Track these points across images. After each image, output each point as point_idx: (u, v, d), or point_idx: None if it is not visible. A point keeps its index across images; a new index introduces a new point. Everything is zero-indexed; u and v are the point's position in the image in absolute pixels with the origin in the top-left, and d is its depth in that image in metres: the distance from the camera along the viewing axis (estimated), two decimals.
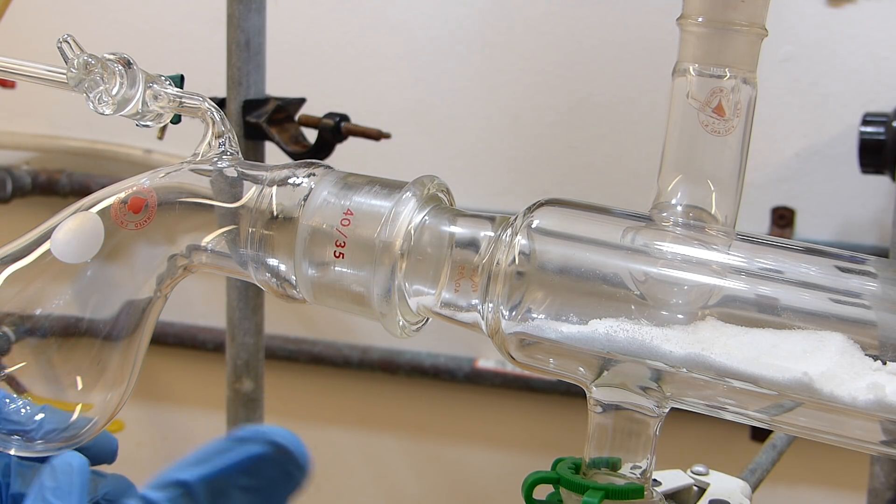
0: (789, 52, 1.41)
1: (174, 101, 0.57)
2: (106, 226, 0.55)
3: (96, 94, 0.55)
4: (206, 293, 1.69)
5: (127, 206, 0.55)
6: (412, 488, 1.68)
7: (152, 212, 0.55)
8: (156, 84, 0.57)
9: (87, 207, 0.56)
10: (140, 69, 0.57)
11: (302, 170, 0.56)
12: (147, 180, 0.57)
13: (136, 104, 0.56)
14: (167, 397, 1.77)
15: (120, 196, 0.55)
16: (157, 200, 0.55)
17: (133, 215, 0.55)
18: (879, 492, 0.98)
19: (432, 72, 1.54)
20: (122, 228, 0.55)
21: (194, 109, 0.58)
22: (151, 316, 0.57)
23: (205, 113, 0.58)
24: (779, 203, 1.43)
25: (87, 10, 1.67)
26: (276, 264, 0.55)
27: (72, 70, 0.56)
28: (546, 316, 0.50)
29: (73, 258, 0.54)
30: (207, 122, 0.58)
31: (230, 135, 0.58)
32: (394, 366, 1.59)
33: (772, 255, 0.50)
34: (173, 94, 0.57)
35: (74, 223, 0.55)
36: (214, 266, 0.57)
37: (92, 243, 0.55)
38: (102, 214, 0.55)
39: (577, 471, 0.53)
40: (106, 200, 0.56)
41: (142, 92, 0.56)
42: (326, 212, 0.54)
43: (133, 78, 0.56)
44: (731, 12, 0.51)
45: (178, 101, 0.57)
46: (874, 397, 0.45)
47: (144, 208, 0.55)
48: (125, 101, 0.56)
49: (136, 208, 0.55)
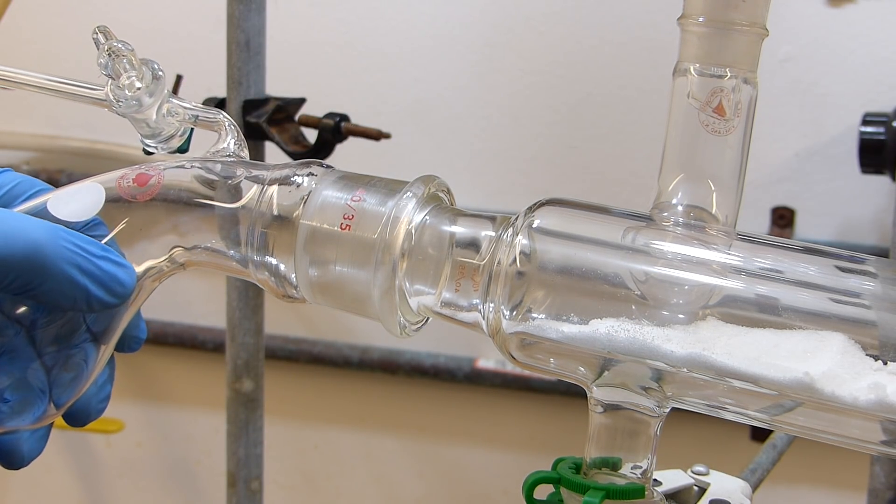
0: (789, 52, 1.41)
1: (191, 116, 0.58)
2: (108, 195, 0.55)
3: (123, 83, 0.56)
4: (206, 293, 1.69)
5: (133, 181, 0.55)
6: (412, 488, 1.68)
7: (156, 188, 0.55)
8: (173, 98, 0.58)
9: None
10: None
11: (302, 169, 0.56)
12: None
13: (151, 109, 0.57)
14: (167, 397, 1.77)
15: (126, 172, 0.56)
16: (163, 179, 0.55)
17: (137, 188, 0.55)
18: (879, 492, 0.98)
19: (432, 72, 1.54)
20: (124, 198, 0.55)
21: (211, 123, 0.58)
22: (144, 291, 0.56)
23: (222, 125, 0.58)
24: (779, 203, 1.43)
25: (87, 10, 1.67)
26: (276, 263, 0.55)
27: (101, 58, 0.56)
28: (547, 316, 0.50)
29: (70, 216, 0.54)
30: (224, 133, 0.58)
31: (242, 143, 0.59)
32: (394, 366, 1.59)
33: (772, 255, 0.50)
34: (189, 108, 0.58)
35: (75, 186, 0.55)
36: (213, 264, 0.57)
37: (90, 204, 0.54)
38: (106, 185, 0.55)
39: (578, 471, 0.53)
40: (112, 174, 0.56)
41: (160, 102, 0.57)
42: (327, 211, 0.54)
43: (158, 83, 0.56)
44: (732, 12, 0.51)
45: (195, 115, 0.58)
46: (875, 397, 0.45)
47: (149, 184, 0.55)
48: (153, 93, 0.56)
49: (141, 182, 0.55)
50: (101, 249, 0.51)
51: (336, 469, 1.71)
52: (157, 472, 1.80)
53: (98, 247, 0.51)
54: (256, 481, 1.21)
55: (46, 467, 1.85)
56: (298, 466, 1.73)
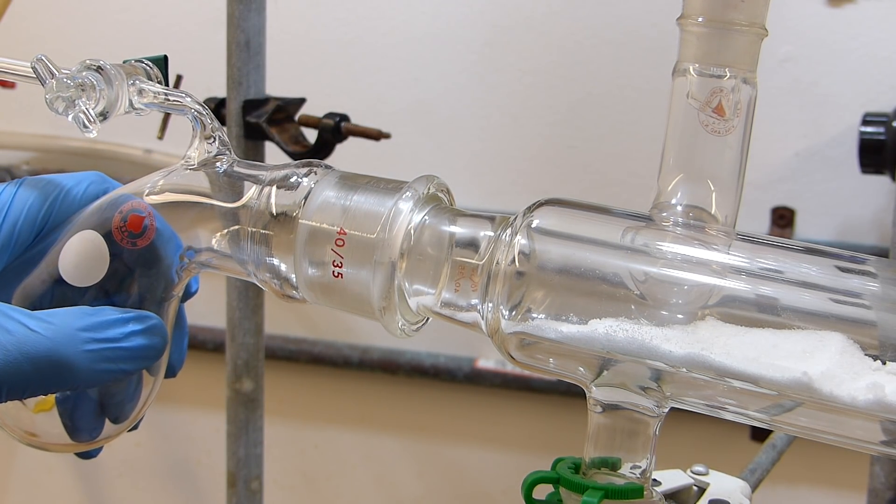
0: (789, 52, 1.41)
1: (159, 97, 0.56)
2: (109, 247, 0.56)
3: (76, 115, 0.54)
4: (206, 293, 1.68)
5: (127, 225, 0.56)
6: (412, 488, 1.68)
7: (151, 231, 0.56)
8: (138, 80, 0.56)
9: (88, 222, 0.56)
10: (118, 67, 0.56)
11: (302, 169, 0.56)
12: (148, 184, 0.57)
13: (120, 105, 0.56)
14: (167, 397, 1.77)
15: (120, 213, 0.56)
16: (154, 218, 0.56)
17: (133, 234, 0.56)
18: (879, 492, 0.98)
19: (432, 72, 1.54)
20: (126, 248, 0.56)
21: (180, 107, 0.56)
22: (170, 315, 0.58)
23: (190, 111, 0.56)
24: (779, 203, 1.43)
25: (87, 10, 1.67)
26: (277, 264, 0.55)
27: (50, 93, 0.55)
28: (546, 316, 0.50)
29: (83, 281, 0.56)
30: (195, 121, 0.57)
31: (220, 133, 0.57)
32: (394, 366, 1.59)
33: (772, 255, 0.50)
34: (158, 91, 0.56)
35: (80, 246, 0.56)
36: (216, 266, 0.57)
37: (99, 265, 0.56)
38: (105, 235, 0.56)
39: (577, 471, 0.53)
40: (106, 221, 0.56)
41: (125, 91, 0.56)
42: (326, 211, 0.54)
43: (109, 80, 0.55)
44: (732, 12, 0.51)
45: (164, 97, 0.56)
46: (874, 397, 0.45)
47: (144, 228, 0.56)
48: (110, 106, 0.55)
49: (135, 226, 0.56)
50: (122, 324, 0.52)
51: (336, 469, 1.71)
52: (157, 472, 1.80)
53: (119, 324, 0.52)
54: (256, 481, 1.21)
55: (46, 467, 1.85)
56: (298, 466, 1.73)
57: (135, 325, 0.52)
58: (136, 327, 0.52)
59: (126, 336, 0.52)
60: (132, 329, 0.52)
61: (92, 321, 0.51)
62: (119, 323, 0.52)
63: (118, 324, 0.52)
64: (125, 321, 0.52)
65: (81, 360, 0.50)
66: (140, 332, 0.52)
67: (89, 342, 0.50)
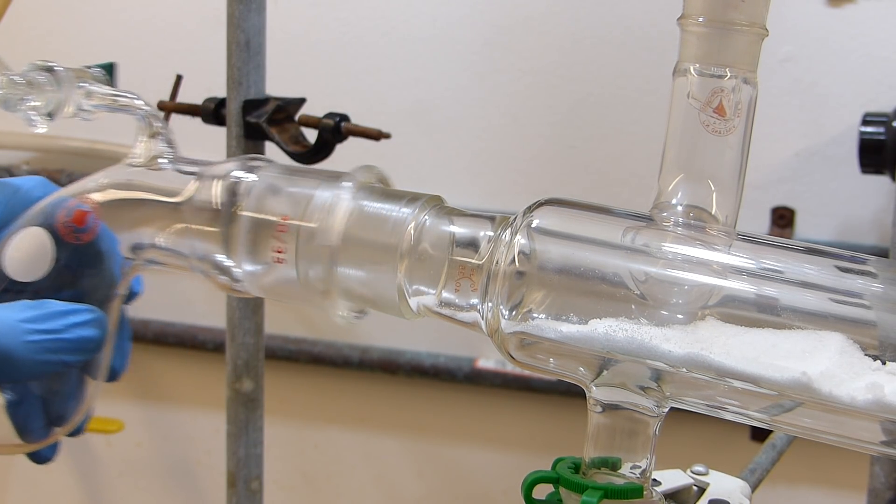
0: (789, 52, 1.41)
1: (107, 98, 0.58)
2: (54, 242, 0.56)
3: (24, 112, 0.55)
4: (206, 293, 1.69)
5: (71, 220, 0.56)
6: (412, 488, 1.68)
7: (96, 226, 0.57)
8: (87, 83, 0.57)
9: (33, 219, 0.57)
10: (67, 69, 0.57)
11: (243, 163, 0.57)
12: (92, 183, 0.57)
13: (68, 107, 0.57)
14: (167, 397, 1.77)
15: (65, 209, 0.56)
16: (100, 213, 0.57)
17: (78, 228, 0.56)
18: (879, 492, 0.98)
19: (432, 72, 1.54)
20: (70, 243, 0.56)
21: (129, 108, 0.58)
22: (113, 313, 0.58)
23: (138, 111, 0.58)
24: (779, 203, 1.43)
25: (86, 10, 1.67)
26: (220, 258, 0.56)
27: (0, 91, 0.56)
28: (546, 315, 0.50)
29: (27, 276, 0.56)
30: (143, 120, 0.58)
31: (166, 132, 0.59)
32: (394, 366, 1.59)
33: (772, 255, 0.50)
34: (107, 93, 0.58)
35: (24, 242, 0.56)
36: (161, 262, 0.58)
37: (43, 261, 0.56)
38: (49, 230, 0.56)
39: (577, 470, 0.53)
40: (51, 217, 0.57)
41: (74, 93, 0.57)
42: (268, 202, 0.55)
43: (58, 81, 0.56)
44: (732, 12, 0.51)
45: (113, 98, 0.58)
46: (873, 397, 0.45)
47: (88, 223, 0.56)
48: (58, 106, 0.56)
49: (80, 221, 0.56)
50: (63, 316, 0.52)
51: (336, 469, 1.71)
52: (157, 472, 1.80)
53: (60, 315, 0.52)
54: (256, 481, 1.21)
55: (46, 467, 1.85)
56: (298, 466, 1.73)
57: (76, 316, 0.53)
58: (78, 319, 0.53)
59: (68, 328, 0.52)
60: (74, 321, 0.53)
61: (34, 313, 0.51)
62: (61, 315, 0.52)
63: (60, 315, 0.52)
64: (67, 313, 0.52)
65: (23, 350, 0.50)
66: (81, 324, 0.53)
67: (31, 333, 0.51)
